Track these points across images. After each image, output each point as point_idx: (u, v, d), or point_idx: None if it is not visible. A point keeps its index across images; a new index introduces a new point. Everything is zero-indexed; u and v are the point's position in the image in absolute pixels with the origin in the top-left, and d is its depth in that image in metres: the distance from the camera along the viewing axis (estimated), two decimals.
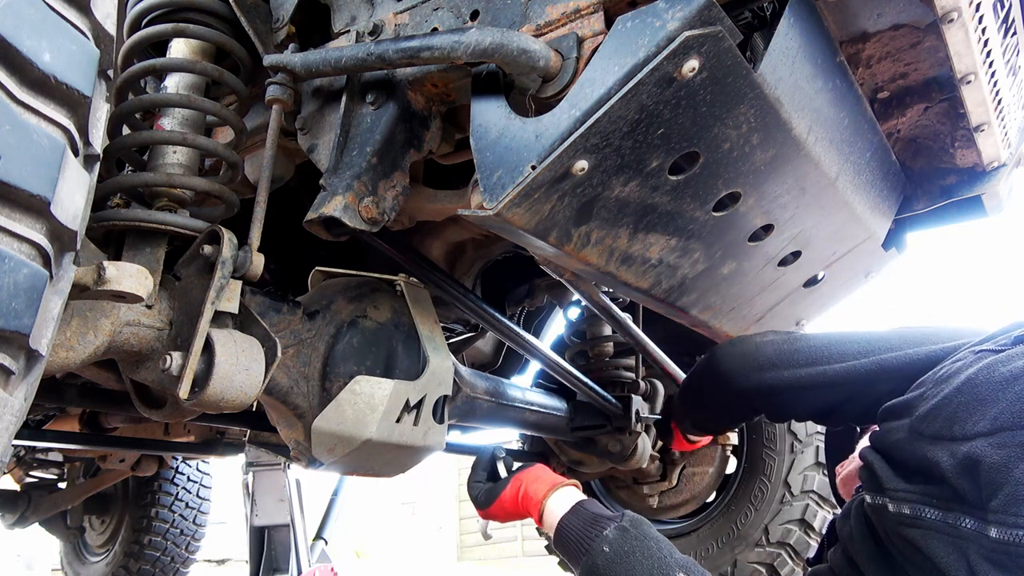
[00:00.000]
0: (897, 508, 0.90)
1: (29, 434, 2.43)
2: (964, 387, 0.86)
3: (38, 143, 0.70)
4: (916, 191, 1.53)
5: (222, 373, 1.03)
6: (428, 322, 1.40)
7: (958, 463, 0.82)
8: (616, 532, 1.07)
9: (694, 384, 1.61)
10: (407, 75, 1.13)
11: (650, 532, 1.07)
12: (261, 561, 2.98)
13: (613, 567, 1.03)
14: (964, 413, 0.84)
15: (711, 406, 1.55)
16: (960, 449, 0.82)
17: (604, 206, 1.00)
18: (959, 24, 1.04)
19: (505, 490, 1.33)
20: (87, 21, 0.81)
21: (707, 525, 2.51)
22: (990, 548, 0.78)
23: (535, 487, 1.28)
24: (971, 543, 0.80)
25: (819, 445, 2.38)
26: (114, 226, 1.10)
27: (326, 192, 1.10)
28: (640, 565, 1.01)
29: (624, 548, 1.04)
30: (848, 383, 1.20)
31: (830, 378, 1.22)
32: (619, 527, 1.08)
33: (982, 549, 0.79)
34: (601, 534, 1.08)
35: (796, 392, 1.28)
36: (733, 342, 1.44)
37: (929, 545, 0.86)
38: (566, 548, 1.15)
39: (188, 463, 3.85)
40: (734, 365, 1.38)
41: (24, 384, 0.72)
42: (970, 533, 0.80)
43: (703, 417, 1.66)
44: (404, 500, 14.16)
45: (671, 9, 0.86)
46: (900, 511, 0.90)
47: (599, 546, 1.06)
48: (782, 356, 1.31)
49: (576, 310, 2.42)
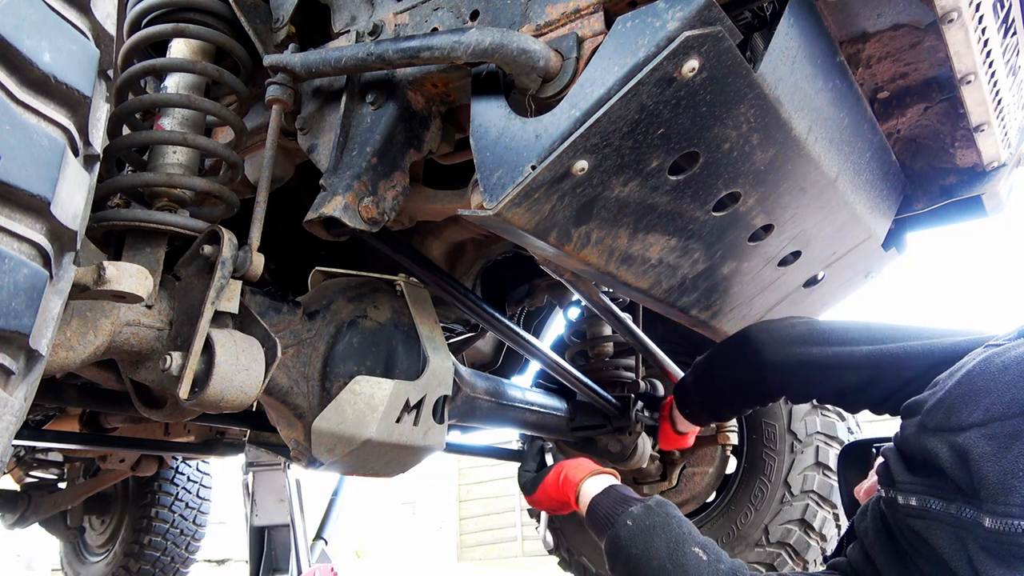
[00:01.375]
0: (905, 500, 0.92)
1: (29, 434, 2.43)
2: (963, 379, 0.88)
3: (38, 143, 0.70)
4: (916, 191, 1.53)
5: (222, 373, 1.03)
6: (428, 322, 1.40)
7: (954, 454, 0.83)
8: (641, 509, 1.17)
9: (717, 360, 1.60)
10: (407, 75, 1.13)
11: (673, 512, 1.16)
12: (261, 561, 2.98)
13: (635, 539, 1.12)
14: (961, 404, 0.85)
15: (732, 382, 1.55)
16: (956, 440, 0.83)
17: (604, 206, 1.00)
18: (959, 24, 1.04)
19: (548, 475, 1.45)
20: (87, 21, 0.81)
21: (707, 525, 2.51)
22: (985, 538, 0.79)
23: (574, 472, 1.39)
24: (969, 533, 0.82)
25: (819, 445, 2.37)
26: (114, 226, 1.10)
27: (326, 192, 1.10)
28: (660, 539, 1.10)
29: (646, 523, 1.13)
30: (874, 365, 1.25)
31: (857, 359, 1.27)
32: (645, 506, 1.18)
33: (979, 539, 0.80)
34: (627, 510, 1.18)
35: (823, 370, 1.33)
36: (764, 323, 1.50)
37: (933, 536, 0.87)
38: (595, 523, 1.26)
39: (188, 463, 3.85)
40: (766, 339, 1.42)
41: (24, 384, 0.72)
42: (969, 523, 0.81)
43: (717, 397, 1.65)
44: (404, 500, 14.16)
45: (671, 9, 0.86)
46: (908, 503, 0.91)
47: (623, 520, 1.16)
48: (813, 334, 1.36)
49: (576, 310, 2.42)
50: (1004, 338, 0.92)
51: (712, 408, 1.72)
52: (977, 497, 0.80)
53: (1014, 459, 0.77)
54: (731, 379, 1.56)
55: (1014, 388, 0.80)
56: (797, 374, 1.38)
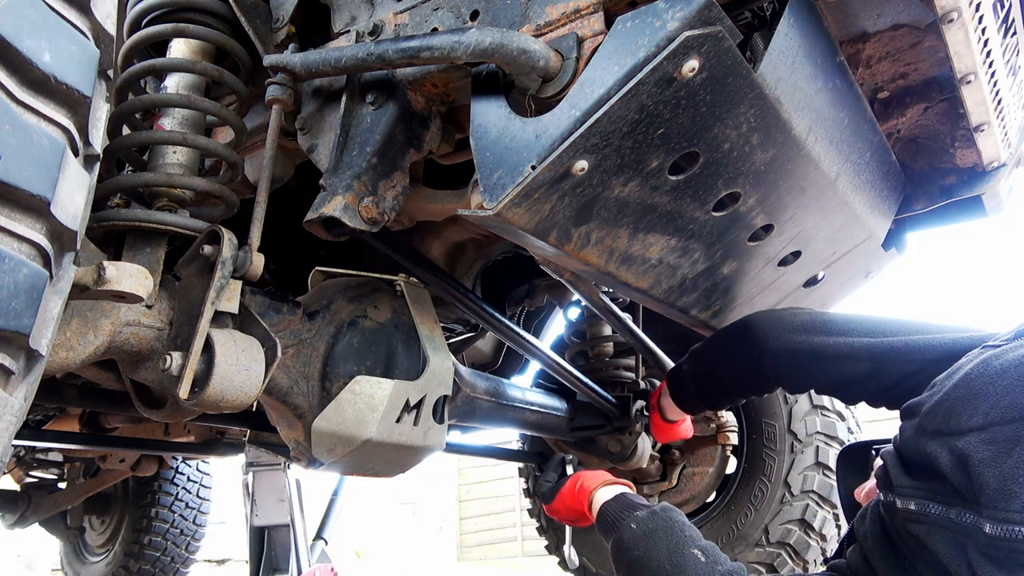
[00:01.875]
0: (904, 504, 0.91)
1: (29, 434, 2.43)
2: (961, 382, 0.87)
3: (38, 143, 0.70)
4: (916, 191, 1.53)
5: (222, 373, 1.03)
6: (428, 322, 1.40)
7: (954, 459, 0.83)
8: (646, 514, 1.21)
9: (716, 346, 1.59)
10: (407, 75, 1.13)
11: (677, 517, 1.19)
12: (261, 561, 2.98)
13: (638, 542, 1.16)
14: (960, 408, 0.84)
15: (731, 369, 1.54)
16: (956, 445, 0.82)
17: (604, 206, 1.00)
18: (959, 24, 1.04)
19: (566, 485, 1.50)
20: (87, 21, 0.81)
21: (707, 525, 2.51)
22: (985, 543, 0.78)
23: (589, 482, 1.44)
24: (969, 538, 0.81)
25: (819, 445, 2.37)
26: (114, 226, 1.10)
27: (326, 192, 1.10)
28: (661, 542, 1.14)
29: (650, 526, 1.18)
30: (874, 357, 1.25)
31: (857, 350, 1.27)
32: (650, 511, 1.22)
33: (979, 544, 0.79)
34: (633, 515, 1.22)
35: (822, 360, 1.33)
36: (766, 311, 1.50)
37: (932, 541, 0.86)
38: (604, 528, 1.31)
39: (188, 463, 3.85)
40: (768, 326, 1.43)
41: (24, 384, 0.72)
42: (969, 528, 0.81)
43: (716, 384, 1.63)
44: (404, 500, 14.16)
45: (671, 9, 0.86)
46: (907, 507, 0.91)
47: (628, 523, 1.21)
48: (815, 323, 1.37)
49: (576, 310, 2.42)
50: (1002, 339, 0.92)
51: (707, 395, 1.69)
52: (977, 502, 0.80)
53: (1014, 465, 0.76)
54: (730, 365, 1.54)
55: (1012, 392, 0.80)
56: (797, 363, 1.38)
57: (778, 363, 1.41)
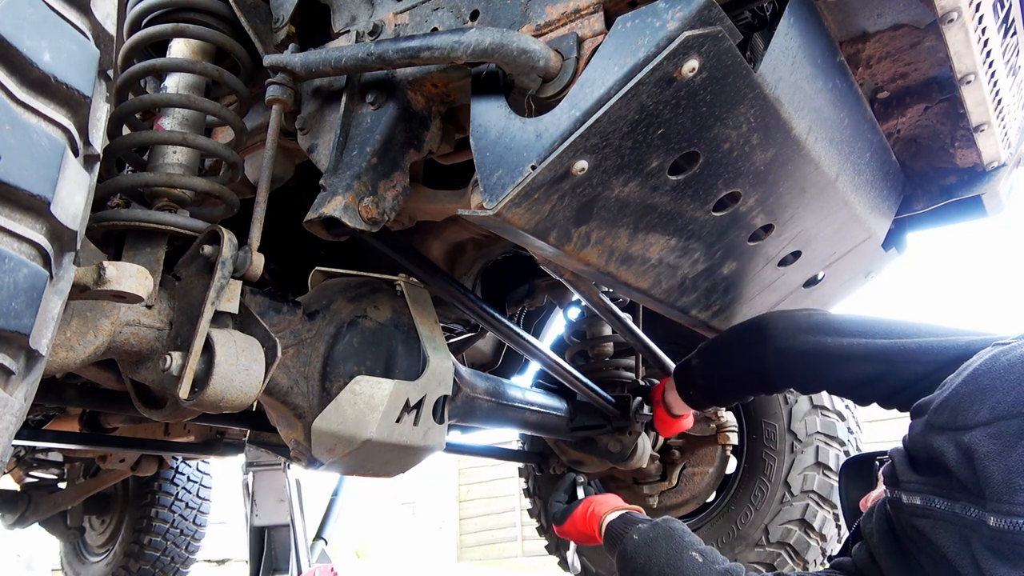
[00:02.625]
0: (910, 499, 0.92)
1: (29, 434, 2.43)
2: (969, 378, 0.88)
3: (38, 143, 0.70)
4: (916, 191, 1.53)
5: (222, 373, 1.03)
6: (428, 322, 1.40)
7: (960, 453, 0.83)
8: (647, 526, 1.28)
9: (727, 343, 1.59)
10: (407, 75, 1.13)
11: (676, 526, 1.25)
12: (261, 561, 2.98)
13: (639, 550, 1.23)
14: (967, 403, 0.85)
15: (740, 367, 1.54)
16: (962, 439, 0.83)
17: (604, 206, 1.00)
18: (959, 24, 1.04)
19: (577, 509, 1.54)
20: (87, 21, 0.81)
21: (707, 525, 2.51)
22: (990, 537, 0.79)
23: (601, 507, 1.49)
24: (974, 532, 0.81)
25: (819, 445, 2.38)
26: (114, 226, 1.10)
27: (326, 192, 1.10)
28: (661, 549, 1.20)
29: (650, 536, 1.24)
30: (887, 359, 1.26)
31: (870, 350, 1.28)
32: (652, 523, 1.28)
33: (983, 538, 0.80)
34: (635, 527, 1.29)
35: (834, 360, 1.34)
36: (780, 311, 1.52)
37: (938, 535, 0.87)
38: (609, 543, 1.38)
39: (188, 463, 3.85)
40: (782, 325, 1.44)
41: (24, 384, 0.72)
42: (973, 522, 0.81)
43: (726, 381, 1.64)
44: (404, 500, 14.16)
45: (671, 9, 0.86)
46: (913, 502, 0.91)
47: (631, 535, 1.27)
48: (829, 324, 1.38)
49: (576, 310, 2.42)
50: (1012, 337, 0.92)
51: (716, 392, 1.70)
52: (982, 496, 0.80)
53: (1019, 458, 0.77)
54: (740, 364, 1.54)
55: (1019, 387, 0.80)
56: (809, 363, 1.39)
57: (790, 363, 1.42)
